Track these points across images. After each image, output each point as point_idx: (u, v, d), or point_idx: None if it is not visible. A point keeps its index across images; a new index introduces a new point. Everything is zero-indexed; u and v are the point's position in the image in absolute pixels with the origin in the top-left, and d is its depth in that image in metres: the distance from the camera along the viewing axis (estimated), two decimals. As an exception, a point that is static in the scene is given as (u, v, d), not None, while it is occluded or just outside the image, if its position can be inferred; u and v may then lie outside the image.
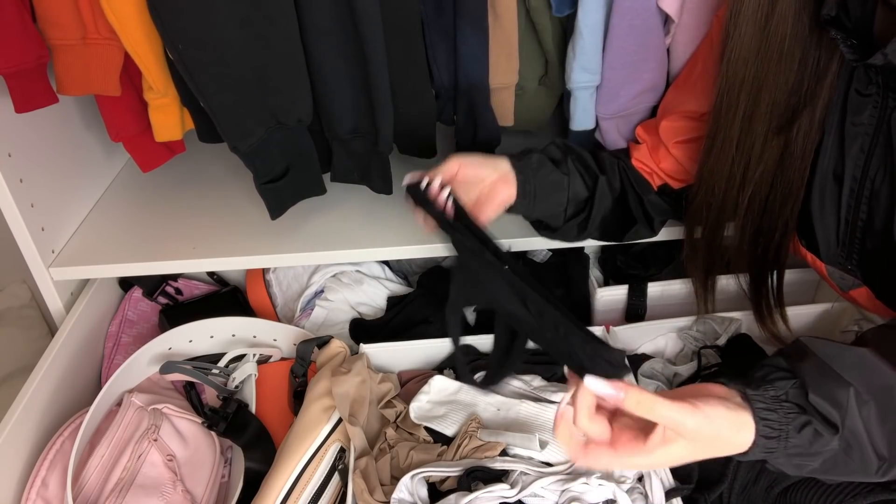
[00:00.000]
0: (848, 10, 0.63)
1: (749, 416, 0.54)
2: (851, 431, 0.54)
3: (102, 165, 1.07)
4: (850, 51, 0.63)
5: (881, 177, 0.66)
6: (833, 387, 0.55)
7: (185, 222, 0.99)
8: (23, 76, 0.77)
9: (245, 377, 0.92)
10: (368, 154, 0.89)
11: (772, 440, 0.54)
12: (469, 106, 0.88)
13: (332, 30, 0.78)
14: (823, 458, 0.55)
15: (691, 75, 0.83)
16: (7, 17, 0.73)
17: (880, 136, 0.66)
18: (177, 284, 1.11)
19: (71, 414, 0.86)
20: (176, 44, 0.74)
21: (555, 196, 0.82)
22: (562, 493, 0.70)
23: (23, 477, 0.78)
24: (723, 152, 0.74)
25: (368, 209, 0.99)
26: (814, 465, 0.56)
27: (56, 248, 0.93)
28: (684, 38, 0.85)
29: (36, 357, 0.85)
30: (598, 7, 0.82)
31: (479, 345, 0.93)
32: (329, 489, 0.79)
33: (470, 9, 0.80)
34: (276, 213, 0.90)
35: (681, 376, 0.92)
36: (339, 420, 0.81)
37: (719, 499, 0.76)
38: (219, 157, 1.12)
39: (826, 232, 0.73)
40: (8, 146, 0.82)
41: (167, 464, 0.82)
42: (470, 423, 0.78)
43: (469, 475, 0.71)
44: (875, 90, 0.65)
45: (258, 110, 0.81)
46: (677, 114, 0.82)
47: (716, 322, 0.97)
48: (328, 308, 1.07)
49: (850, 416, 0.54)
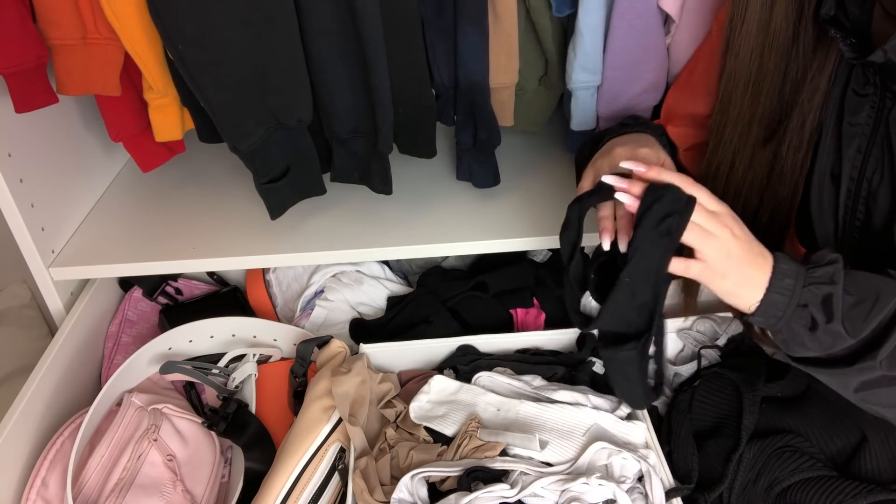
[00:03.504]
0: (846, 9, 0.64)
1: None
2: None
3: (102, 165, 1.07)
4: (850, 49, 0.63)
5: (879, 177, 0.67)
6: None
7: (185, 222, 0.99)
8: (23, 76, 0.77)
9: (245, 377, 0.92)
10: (368, 154, 0.89)
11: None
12: (469, 106, 0.88)
13: (332, 30, 0.78)
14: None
15: (692, 76, 0.83)
16: (7, 17, 0.73)
17: (877, 136, 0.66)
18: (177, 284, 1.11)
19: (71, 414, 0.86)
20: (176, 44, 0.74)
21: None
22: (562, 493, 0.70)
23: (23, 477, 0.78)
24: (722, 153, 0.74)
25: (368, 209, 0.99)
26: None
27: (56, 248, 0.93)
28: (685, 37, 0.85)
29: (36, 357, 0.85)
30: (598, 7, 0.82)
31: (480, 345, 0.93)
32: (329, 489, 0.79)
33: (470, 8, 0.80)
34: (276, 213, 0.90)
35: (681, 376, 0.92)
36: (339, 420, 0.81)
37: (719, 499, 0.76)
38: (219, 157, 1.12)
39: (824, 232, 0.73)
40: (8, 146, 0.82)
41: (167, 464, 0.82)
42: (470, 423, 0.78)
43: (469, 475, 0.71)
44: (872, 90, 0.65)
45: (258, 110, 0.81)
46: (681, 118, 0.82)
47: (716, 322, 0.97)
48: (328, 308, 1.07)
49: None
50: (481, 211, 0.98)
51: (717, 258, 0.61)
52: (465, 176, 0.97)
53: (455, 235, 0.94)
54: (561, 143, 1.11)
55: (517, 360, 0.91)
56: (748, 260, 0.62)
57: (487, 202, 1.00)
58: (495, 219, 0.96)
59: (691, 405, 0.84)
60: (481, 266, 1.12)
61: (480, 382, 0.85)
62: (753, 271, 0.62)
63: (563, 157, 1.08)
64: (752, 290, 0.62)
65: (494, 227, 0.95)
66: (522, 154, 1.11)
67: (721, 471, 0.76)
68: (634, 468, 0.73)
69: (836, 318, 0.60)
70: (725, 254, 0.61)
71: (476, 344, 0.93)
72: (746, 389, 0.81)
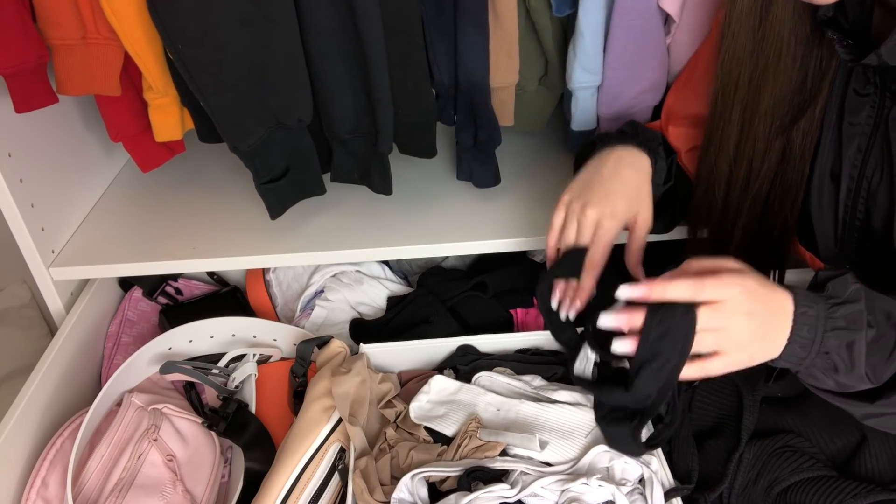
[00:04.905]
0: (845, 10, 0.63)
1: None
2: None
3: (102, 165, 1.07)
4: (846, 51, 0.63)
5: (878, 176, 0.67)
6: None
7: (185, 222, 0.99)
8: (23, 76, 0.77)
9: (245, 377, 0.92)
10: (369, 154, 0.89)
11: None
12: (469, 106, 0.88)
13: (332, 30, 0.78)
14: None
15: (692, 76, 0.83)
16: (7, 17, 0.73)
17: (877, 135, 0.66)
18: (177, 284, 1.11)
19: (71, 414, 0.86)
20: (176, 44, 0.74)
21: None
22: (562, 493, 0.70)
23: (23, 477, 0.78)
24: (721, 153, 0.74)
25: (368, 209, 0.99)
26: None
27: (56, 248, 0.93)
28: (685, 37, 0.85)
29: (36, 357, 0.85)
30: (598, 7, 0.82)
31: (480, 345, 0.93)
32: (329, 489, 0.79)
33: (470, 8, 0.80)
34: (276, 213, 0.90)
35: (681, 376, 0.92)
36: (339, 420, 0.81)
37: (719, 499, 0.76)
38: (219, 157, 1.12)
39: (824, 231, 0.73)
40: (8, 146, 0.82)
41: (167, 464, 0.82)
42: (470, 423, 0.78)
43: (469, 475, 0.71)
44: (873, 90, 0.65)
45: (258, 110, 0.81)
46: (682, 119, 0.82)
47: (716, 322, 0.97)
48: (328, 308, 1.07)
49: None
50: (481, 211, 0.98)
51: (736, 347, 0.58)
52: (466, 176, 0.97)
53: (455, 235, 0.94)
54: (561, 143, 1.11)
55: (517, 360, 0.91)
56: (768, 326, 0.58)
57: (487, 202, 1.00)
58: (495, 219, 0.96)
59: (691, 405, 0.84)
60: (481, 266, 1.12)
61: (480, 382, 0.85)
62: (775, 332, 0.59)
63: (563, 157, 1.08)
64: (775, 347, 0.59)
65: (494, 227, 0.95)
66: (522, 154, 1.11)
67: (721, 471, 0.76)
68: (636, 472, 0.73)
69: (860, 365, 0.58)
70: (746, 340, 0.58)
71: (476, 344, 0.93)
72: (746, 389, 0.81)
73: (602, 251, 0.74)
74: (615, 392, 0.67)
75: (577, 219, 0.74)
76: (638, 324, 0.59)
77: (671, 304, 0.58)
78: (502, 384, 0.85)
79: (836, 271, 0.61)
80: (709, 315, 0.57)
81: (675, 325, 0.57)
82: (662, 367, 0.59)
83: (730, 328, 0.58)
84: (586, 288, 0.73)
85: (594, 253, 0.74)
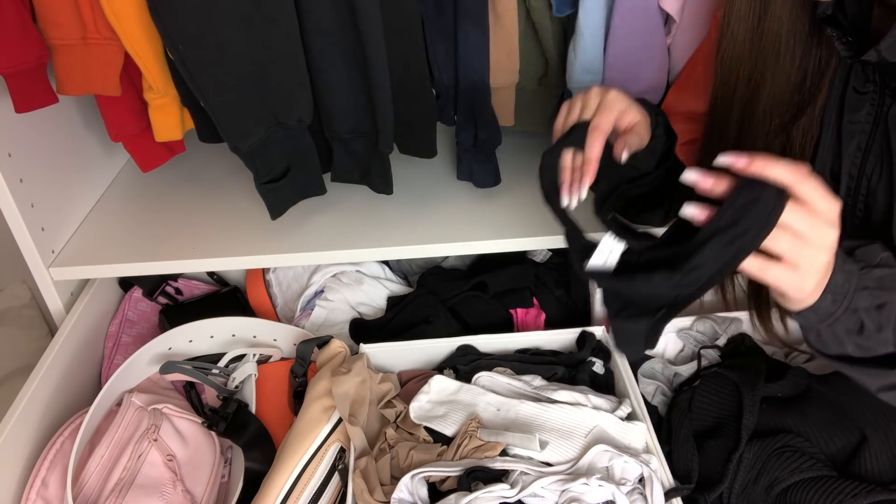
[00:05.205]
0: (845, 8, 0.63)
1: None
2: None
3: (102, 165, 1.07)
4: (846, 48, 0.63)
5: (878, 174, 0.66)
6: None
7: (185, 222, 0.99)
8: (23, 76, 0.77)
9: (245, 377, 0.92)
10: (369, 154, 0.89)
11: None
12: (469, 106, 0.88)
13: (332, 29, 0.78)
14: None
15: (692, 75, 0.83)
16: (7, 17, 0.73)
17: (877, 133, 0.66)
18: (177, 284, 1.11)
19: (71, 414, 0.86)
20: (176, 44, 0.74)
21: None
22: (561, 493, 0.70)
23: (23, 477, 0.78)
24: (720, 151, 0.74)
25: (368, 209, 0.99)
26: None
27: (56, 248, 0.93)
28: (685, 38, 0.85)
29: (36, 357, 0.85)
30: (598, 7, 0.82)
31: (480, 345, 0.93)
32: (329, 489, 0.79)
33: (470, 8, 0.80)
34: (277, 213, 0.90)
35: (681, 376, 0.92)
36: (339, 420, 0.81)
37: (719, 499, 0.76)
38: (219, 157, 1.12)
39: None
40: (8, 146, 0.82)
41: (167, 464, 0.82)
42: (470, 423, 0.78)
43: (469, 475, 0.71)
44: (872, 88, 0.65)
45: (258, 110, 0.81)
46: (680, 115, 0.82)
47: (716, 322, 0.97)
48: (328, 308, 1.07)
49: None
50: (481, 211, 0.98)
51: (805, 263, 0.54)
52: (466, 176, 0.98)
53: (455, 235, 0.94)
54: (561, 143, 1.11)
55: (517, 360, 0.91)
56: (828, 266, 0.55)
57: (487, 202, 1.00)
58: (495, 219, 0.97)
59: (691, 405, 0.84)
60: (481, 266, 1.12)
61: (480, 382, 0.85)
62: (824, 278, 0.56)
63: (563, 157, 1.08)
64: (817, 290, 0.56)
65: (494, 227, 0.95)
66: (522, 154, 1.11)
67: (721, 471, 0.76)
68: (636, 472, 0.73)
69: (888, 328, 0.56)
70: (817, 265, 0.54)
71: (476, 344, 0.93)
72: (746, 389, 0.81)
73: (608, 117, 0.68)
74: (653, 278, 0.58)
75: (581, 99, 0.71)
76: (720, 189, 0.54)
77: (763, 182, 0.53)
78: (502, 384, 0.85)
79: (862, 241, 0.60)
80: (798, 214, 0.52)
81: (764, 200, 0.52)
82: (734, 240, 0.53)
83: (810, 241, 0.53)
84: (593, 157, 0.67)
85: (600, 118, 0.68)
